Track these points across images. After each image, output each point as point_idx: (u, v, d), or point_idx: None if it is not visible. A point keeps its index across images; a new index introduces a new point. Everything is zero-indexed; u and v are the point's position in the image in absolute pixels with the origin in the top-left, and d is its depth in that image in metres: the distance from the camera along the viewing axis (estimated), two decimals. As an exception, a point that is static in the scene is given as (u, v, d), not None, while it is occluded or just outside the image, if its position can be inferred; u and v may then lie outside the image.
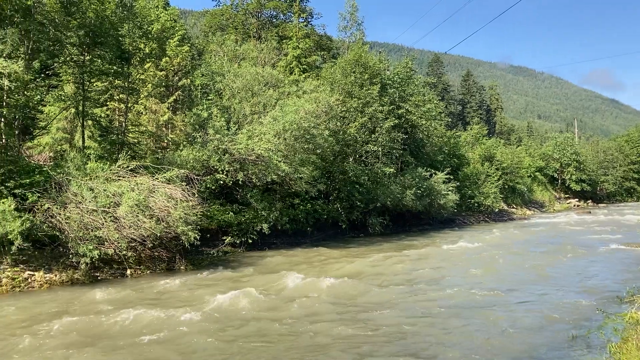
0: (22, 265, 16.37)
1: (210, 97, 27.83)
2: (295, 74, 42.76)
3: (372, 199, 33.74)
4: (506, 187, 56.57)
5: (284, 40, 49.05)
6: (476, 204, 47.96)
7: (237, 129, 25.07)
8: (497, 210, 49.73)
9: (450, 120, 73.65)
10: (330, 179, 32.41)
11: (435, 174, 40.54)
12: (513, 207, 58.36)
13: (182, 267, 19.78)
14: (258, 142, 24.19)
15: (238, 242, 24.74)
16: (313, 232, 30.34)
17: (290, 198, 28.67)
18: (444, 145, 50.60)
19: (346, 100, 34.70)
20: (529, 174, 69.07)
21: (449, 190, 40.20)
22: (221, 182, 23.85)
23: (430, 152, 45.82)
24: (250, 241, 24.75)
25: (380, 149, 35.47)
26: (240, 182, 24.27)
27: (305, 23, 52.52)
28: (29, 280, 16.05)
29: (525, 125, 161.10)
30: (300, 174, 25.32)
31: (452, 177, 42.59)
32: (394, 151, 37.19)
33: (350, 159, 34.50)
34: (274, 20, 54.89)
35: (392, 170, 36.07)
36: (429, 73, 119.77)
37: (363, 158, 35.81)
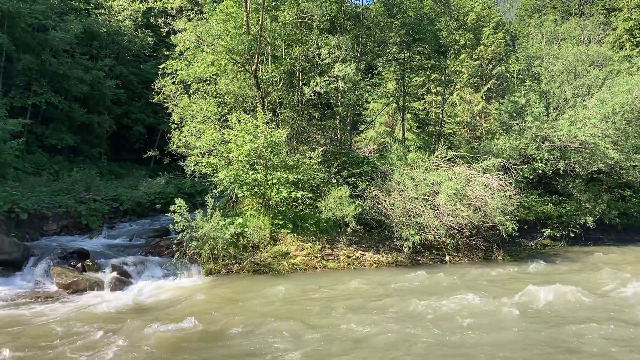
0: (354, 246, 18.44)
1: (526, 83, 26.63)
2: (626, 49, 37.78)
3: None
4: None
5: (612, 13, 43.73)
6: None
7: (557, 115, 23.47)
8: None
9: None
10: (674, 167, 27.77)
11: None
12: None
13: (499, 258, 19.56)
14: (582, 127, 22.18)
15: (558, 235, 23.21)
16: (651, 228, 26.51)
17: (619, 189, 25.66)
18: None
19: (696, 74, 29.16)
20: None
21: None
22: (539, 171, 22.67)
23: None
24: (571, 235, 22.94)
25: None
26: (560, 171, 22.65)
27: (639, -11, 45.83)
28: (361, 259, 18.00)
29: None
30: (633, 162, 22.34)
31: None
32: None
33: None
34: (599, -9, 49.37)
35: None
36: None
37: None
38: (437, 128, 26.17)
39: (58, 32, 29.38)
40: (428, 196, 18.63)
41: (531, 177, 22.82)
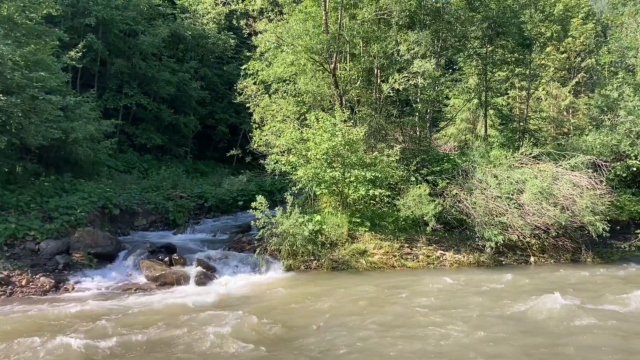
0: (434, 245, 18.12)
1: (619, 76, 25.12)
2: None
3: None
4: None
5: None
6: None
7: (654, 108, 21.99)
8: None
9: None
10: None
11: None
12: None
13: (588, 259, 18.57)
14: (683, 121, 20.69)
15: (655, 237, 21.75)
16: None
17: None
18: None
19: None
20: None
21: None
22: (634, 168, 21.38)
23: None
24: (671, 237, 21.45)
25: None
26: (658, 169, 21.26)
27: None
28: (441, 259, 17.66)
29: None
30: None
31: None
32: None
33: None
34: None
35: None
36: None
37: None
38: (521, 124, 25.20)
39: (147, 37, 30.94)
40: (512, 195, 17.98)
41: (624, 175, 21.56)
